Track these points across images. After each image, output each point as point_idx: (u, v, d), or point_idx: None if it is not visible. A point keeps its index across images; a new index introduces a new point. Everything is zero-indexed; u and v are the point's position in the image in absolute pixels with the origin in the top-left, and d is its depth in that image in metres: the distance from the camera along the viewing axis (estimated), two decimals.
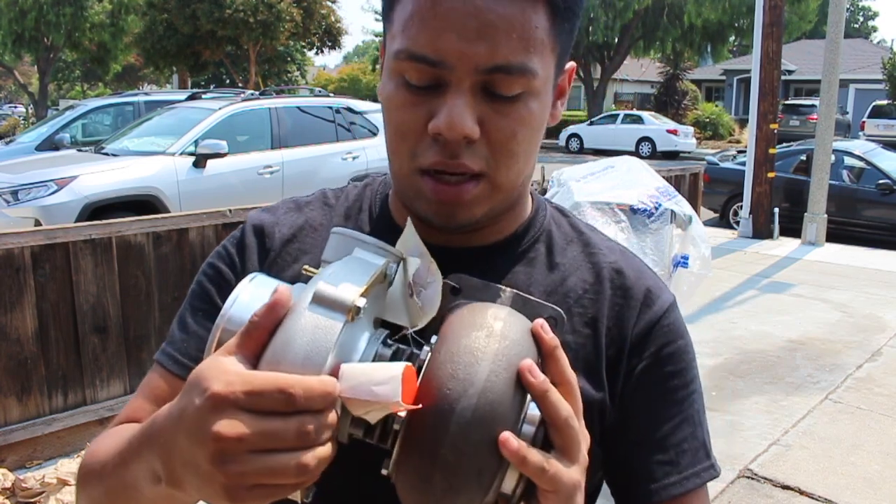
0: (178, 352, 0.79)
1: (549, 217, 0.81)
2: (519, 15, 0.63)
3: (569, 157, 20.76)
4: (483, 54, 0.62)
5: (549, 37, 0.65)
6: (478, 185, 0.67)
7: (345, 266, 0.57)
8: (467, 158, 0.65)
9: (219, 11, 20.15)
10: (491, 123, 0.65)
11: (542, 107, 0.68)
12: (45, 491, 2.81)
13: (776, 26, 8.64)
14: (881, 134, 20.41)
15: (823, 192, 8.51)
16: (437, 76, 0.64)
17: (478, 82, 0.64)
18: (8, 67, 27.87)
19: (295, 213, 0.82)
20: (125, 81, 38.30)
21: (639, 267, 0.79)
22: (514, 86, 0.64)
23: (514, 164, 0.68)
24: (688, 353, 0.77)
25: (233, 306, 0.56)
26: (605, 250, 0.79)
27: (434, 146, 0.65)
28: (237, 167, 6.78)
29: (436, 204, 0.67)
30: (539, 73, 0.65)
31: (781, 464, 3.41)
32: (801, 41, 31.58)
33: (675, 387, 0.75)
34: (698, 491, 0.74)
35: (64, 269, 3.31)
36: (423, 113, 0.65)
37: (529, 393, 0.53)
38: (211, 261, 0.81)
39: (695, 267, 3.08)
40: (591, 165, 3.31)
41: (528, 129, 0.67)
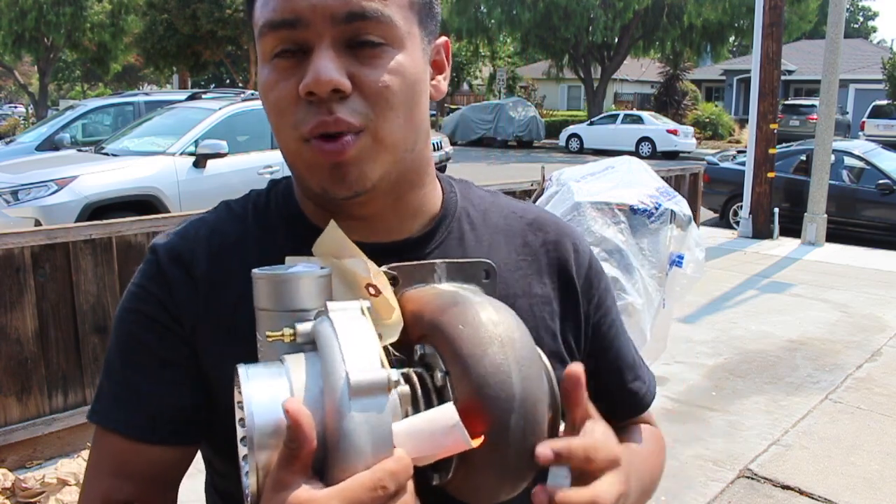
0: (130, 414, 0.71)
1: (459, 193, 0.82)
2: None
3: (569, 157, 20.76)
4: (335, 3, 0.63)
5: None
6: (359, 138, 0.65)
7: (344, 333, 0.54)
8: (344, 113, 0.64)
9: (219, 11, 20.16)
10: (362, 76, 0.64)
11: (412, 61, 0.68)
12: (45, 491, 2.82)
13: (776, 26, 8.64)
14: (881, 134, 20.40)
15: (823, 192, 8.51)
16: (299, 39, 0.64)
17: (339, 36, 0.64)
18: (8, 67, 27.87)
19: (206, 230, 0.76)
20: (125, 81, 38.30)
21: (553, 219, 0.84)
22: (374, 32, 0.64)
23: (394, 117, 0.66)
24: (610, 286, 0.87)
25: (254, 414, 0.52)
26: (518, 211, 0.83)
27: (310, 110, 0.64)
28: (237, 167, 6.78)
29: (326, 169, 0.66)
30: (399, 23, 0.66)
31: (781, 464, 3.41)
32: (801, 41, 31.57)
33: (616, 319, 0.86)
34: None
35: (64, 269, 3.31)
36: (294, 82, 0.65)
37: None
38: (130, 306, 0.74)
39: (688, 269, 3.08)
40: (591, 165, 3.31)
41: (402, 80, 0.66)
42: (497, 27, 27.34)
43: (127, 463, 0.71)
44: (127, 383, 0.72)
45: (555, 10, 24.87)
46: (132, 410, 0.71)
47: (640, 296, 2.85)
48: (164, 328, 0.72)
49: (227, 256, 0.74)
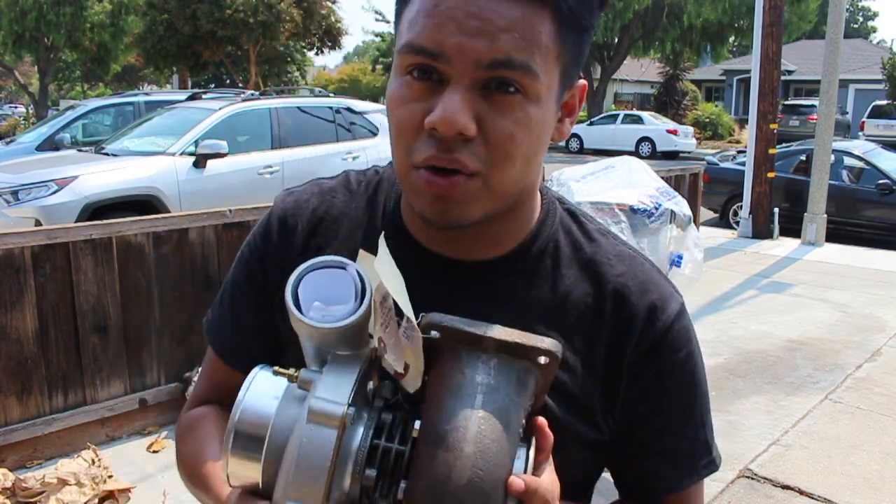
0: (221, 339, 0.88)
1: (558, 224, 0.80)
2: (521, 17, 0.63)
3: (569, 157, 20.75)
4: (482, 49, 0.62)
5: (554, 43, 0.65)
6: (469, 181, 0.66)
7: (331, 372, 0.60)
8: (463, 156, 0.64)
9: (219, 12, 20.15)
10: (489, 122, 0.64)
11: (543, 114, 0.67)
12: (46, 491, 2.81)
13: (776, 26, 8.64)
14: (881, 134, 20.40)
15: (823, 192, 8.51)
16: (439, 71, 0.64)
17: (479, 79, 0.63)
18: (8, 67, 27.88)
19: (317, 199, 0.84)
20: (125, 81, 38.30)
21: (645, 279, 0.78)
22: (515, 80, 0.64)
23: (510, 168, 0.67)
24: (690, 360, 0.78)
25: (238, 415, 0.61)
26: (612, 260, 0.78)
27: (430, 142, 0.65)
28: (237, 167, 6.78)
29: (430, 198, 0.66)
30: (541, 76, 0.65)
31: (781, 464, 3.41)
32: (801, 41, 31.57)
33: (677, 398, 0.78)
34: (696, 485, 0.81)
35: (64, 269, 3.31)
36: (421, 108, 0.65)
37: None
38: (245, 250, 0.86)
39: (687, 269, 3.07)
40: (591, 165, 3.30)
41: (527, 133, 0.66)
42: None
43: (214, 372, 0.88)
44: (223, 313, 0.87)
45: None
46: (223, 336, 0.87)
47: None
48: (255, 279, 0.83)
49: (323, 229, 0.81)
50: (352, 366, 0.60)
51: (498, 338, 0.60)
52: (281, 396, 0.60)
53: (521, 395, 0.61)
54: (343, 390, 0.58)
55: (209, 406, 0.88)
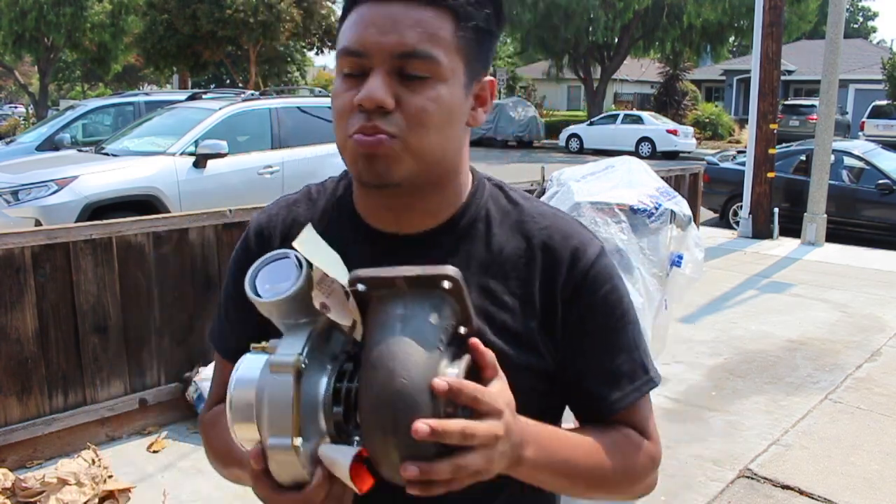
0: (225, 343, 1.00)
1: (488, 196, 0.94)
2: (425, 17, 0.81)
3: (569, 157, 20.75)
4: (394, 43, 0.80)
5: (454, 38, 0.82)
6: (391, 141, 0.81)
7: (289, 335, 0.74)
8: (383, 123, 0.80)
9: (219, 12, 20.15)
10: (405, 98, 0.81)
11: (450, 94, 0.83)
12: (46, 491, 2.82)
13: (776, 26, 8.64)
14: (881, 134, 20.39)
15: (823, 192, 8.51)
16: (363, 65, 0.81)
17: (392, 67, 0.80)
18: (8, 67, 27.89)
19: (285, 211, 0.99)
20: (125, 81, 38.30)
21: (567, 228, 0.93)
22: (421, 68, 0.81)
23: (424, 134, 0.82)
24: (614, 293, 0.92)
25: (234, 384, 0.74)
26: (536, 217, 0.93)
27: (359, 116, 0.81)
28: (237, 167, 6.77)
29: (361, 158, 0.82)
30: (443, 62, 0.81)
31: (781, 464, 3.41)
32: (801, 41, 31.57)
33: (608, 325, 0.91)
34: (640, 401, 0.93)
35: (64, 269, 3.31)
36: (352, 94, 0.82)
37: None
38: (231, 266, 1.00)
39: (686, 269, 3.07)
40: (591, 165, 3.30)
41: (437, 106, 0.82)
42: None
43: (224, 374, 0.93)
44: (222, 322, 1.01)
45: (555, 11, 24.87)
46: (224, 339, 1.00)
47: (640, 295, 2.85)
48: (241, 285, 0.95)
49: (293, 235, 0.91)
50: (305, 328, 0.74)
51: (406, 275, 0.72)
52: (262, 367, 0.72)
53: (438, 317, 0.72)
54: (296, 346, 0.71)
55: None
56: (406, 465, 0.67)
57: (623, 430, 0.92)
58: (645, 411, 0.94)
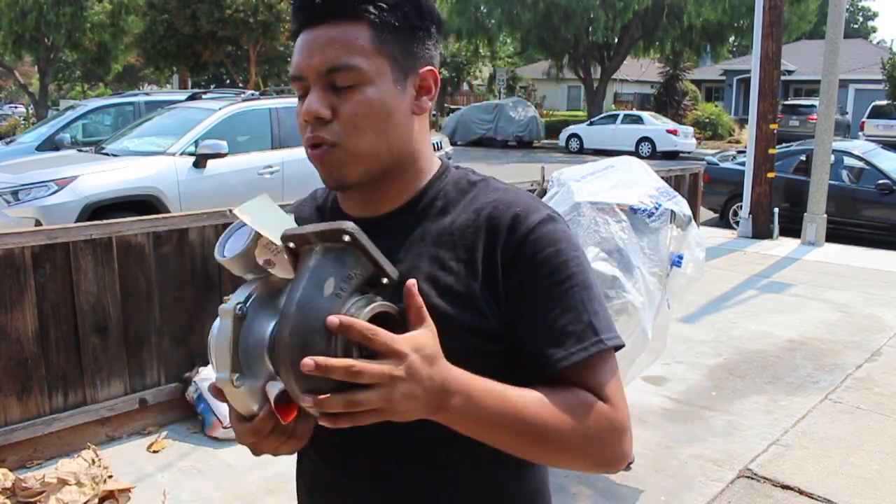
0: None
1: (450, 179, 1.02)
2: (341, 34, 0.92)
3: (569, 157, 20.75)
4: (318, 62, 0.92)
5: (372, 44, 0.92)
6: (332, 150, 0.93)
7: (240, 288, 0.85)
8: (323, 132, 0.93)
9: (219, 12, 20.14)
10: (339, 107, 0.92)
11: (379, 94, 0.93)
12: (46, 491, 2.82)
13: (776, 26, 8.64)
14: (881, 134, 20.38)
15: (823, 192, 8.51)
16: (305, 87, 0.94)
17: (324, 83, 0.92)
18: (8, 68, 27.86)
19: (295, 209, 1.13)
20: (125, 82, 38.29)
21: (513, 199, 0.98)
22: (346, 79, 0.92)
23: (361, 136, 0.93)
24: (559, 256, 0.93)
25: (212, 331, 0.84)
26: (489, 193, 0.99)
27: (308, 129, 0.94)
28: (237, 167, 6.77)
29: (317, 167, 0.96)
30: (364, 67, 0.91)
31: (781, 464, 3.41)
32: (801, 41, 31.56)
33: (549, 285, 0.93)
34: (589, 361, 0.91)
35: (64, 269, 3.32)
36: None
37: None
38: None
39: (687, 269, 3.06)
40: (591, 165, 3.30)
41: (369, 109, 0.92)
42: (497, 27, 27.32)
43: None
44: None
45: (555, 10, 24.85)
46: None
47: (640, 294, 2.85)
48: None
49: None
50: (252, 281, 0.85)
51: (314, 231, 0.81)
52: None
53: (342, 267, 0.80)
54: (241, 295, 0.83)
55: None
56: (304, 396, 0.75)
57: (574, 390, 0.90)
58: (601, 374, 0.92)
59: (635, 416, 3.89)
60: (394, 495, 0.99)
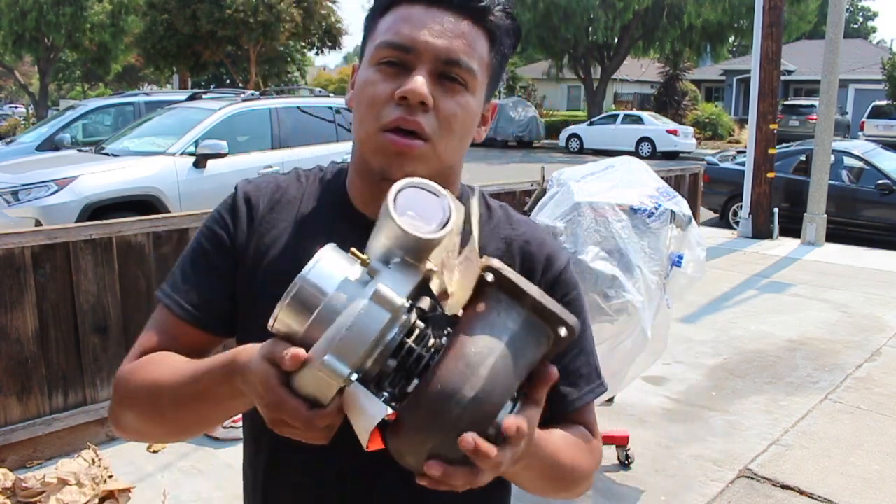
0: (183, 299, 0.97)
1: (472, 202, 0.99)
2: (469, 30, 0.88)
3: (569, 157, 20.76)
4: (443, 48, 0.86)
5: (487, 57, 0.91)
6: (425, 145, 0.87)
7: (399, 271, 0.70)
8: (423, 120, 0.86)
9: (219, 12, 20.15)
10: (441, 101, 0.87)
11: (475, 105, 0.91)
12: (46, 491, 2.82)
13: (776, 26, 8.64)
14: (881, 134, 20.40)
15: (823, 192, 8.51)
16: (406, 61, 0.86)
17: (436, 69, 0.86)
18: (8, 68, 27.87)
19: (274, 187, 1.01)
20: (125, 82, 38.30)
21: (541, 238, 1.01)
22: (461, 75, 0.88)
23: (451, 139, 0.90)
24: (579, 300, 1.00)
25: (312, 270, 0.70)
26: (514, 224, 1.01)
27: (398, 109, 0.86)
28: (237, 167, 6.76)
29: (392, 154, 0.87)
30: (478, 76, 0.89)
31: (781, 464, 3.41)
32: (801, 41, 31.56)
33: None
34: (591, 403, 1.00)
35: (64, 269, 3.31)
36: (391, 86, 0.86)
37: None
38: (208, 224, 1.00)
39: (688, 269, 3.06)
40: (591, 165, 3.29)
41: (465, 114, 0.90)
42: None
43: (171, 330, 0.97)
44: (185, 277, 0.98)
45: (555, 10, 24.86)
46: (183, 297, 0.97)
47: (640, 294, 2.85)
48: (220, 244, 0.97)
49: (280, 208, 0.99)
50: (414, 272, 0.71)
51: (537, 298, 0.71)
52: (343, 277, 0.70)
53: (534, 351, 0.72)
54: (406, 287, 0.69)
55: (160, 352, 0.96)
56: (433, 462, 0.67)
57: (580, 430, 0.97)
58: (593, 413, 1.02)
59: (635, 416, 3.89)
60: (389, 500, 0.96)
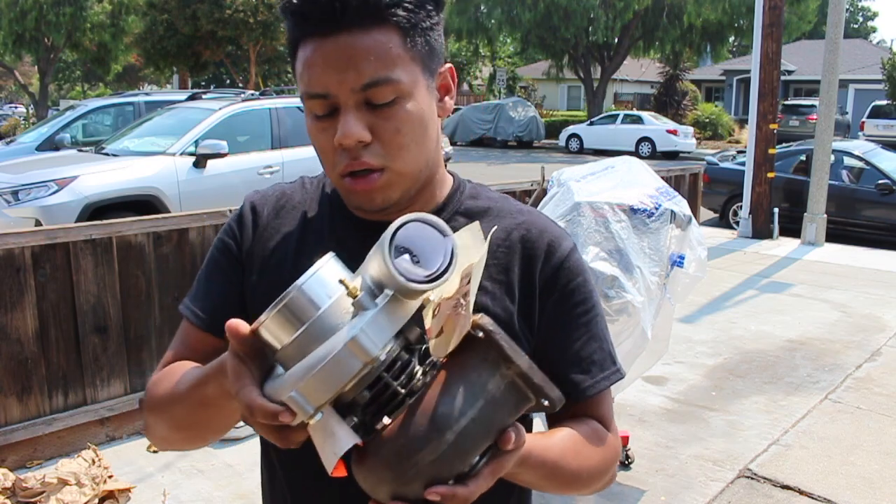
0: (198, 308, 0.99)
1: (468, 194, 1.00)
2: (373, 43, 0.82)
3: (569, 157, 20.76)
4: (352, 78, 0.82)
5: (404, 51, 0.84)
6: (382, 175, 0.86)
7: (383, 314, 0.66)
8: (367, 157, 0.84)
9: (219, 12, 20.16)
10: (379, 127, 0.84)
11: (418, 106, 0.86)
12: (46, 491, 2.82)
13: (776, 27, 8.64)
14: (881, 134, 20.40)
15: (823, 192, 8.51)
16: (331, 104, 0.84)
17: (358, 100, 0.83)
18: (8, 68, 27.84)
19: (279, 195, 1.03)
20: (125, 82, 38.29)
21: (542, 224, 0.98)
22: (385, 94, 0.83)
23: (406, 154, 0.86)
24: (586, 285, 0.97)
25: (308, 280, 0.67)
26: (514, 213, 0.99)
27: (343, 155, 0.85)
28: (237, 167, 6.77)
29: (358, 195, 0.88)
30: (403, 79, 0.84)
31: (781, 464, 3.41)
32: (801, 41, 31.56)
33: (580, 313, 0.96)
34: (606, 392, 0.97)
35: (64, 269, 3.32)
36: (330, 134, 0.85)
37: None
38: (220, 235, 1.03)
39: (690, 269, 3.06)
40: (591, 165, 3.29)
41: (410, 125, 0.85)
42: (497, 27, 27.33)
43: (192, 342, 0.99)
44: (200, 288, 1.01)
45: (555, 11, 24.86)
46: (201, 307, 0.99)
47: (640, 294, 2.85)
48: (229, 252, 1.00)
49: (285, 214, 1.01)
50: (401, 315, 0.67)
51: (523, 369, 0.70)
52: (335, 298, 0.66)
53: (511, 416, 0.71)
54: (385, 335, 0.65)
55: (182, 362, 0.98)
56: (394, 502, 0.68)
57: (592, 425, 0.95)
58: (609, 403, 0.99)
59: (635, 416, 3.89)
60: None
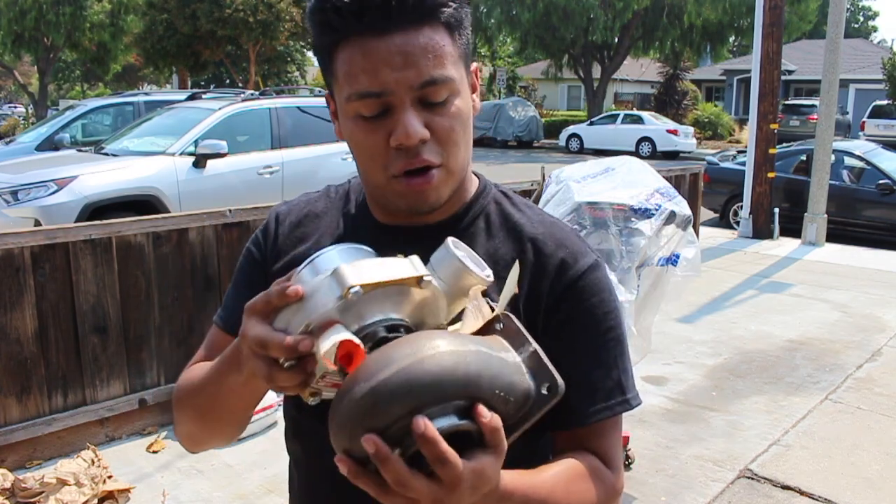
0: (225, 313, 1.04)
1: (491, 199, 0.99)
2: (429, 41, 0.83)
3: (569, 157, 20.75)
4: (412, 76, 0.82)
5: (454, 48, 0.86)
6: (440, 171, 0.86)
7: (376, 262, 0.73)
8: (428, 155, 0.85)
9: (219, 11, 20.16)
10: (434, 125, 0.85)
11: (465, 103, 0.88)
12: (45, 491, 2.81)
13: (776, 26, 8.64)
14: (881, 134, 20.39)
15: (823, 192, 8.50)
16: (383, 104, 0.83)
17: (414, 98, 0.83)
18: (8, 67, 27.85)
19: (304, 204, 1.05)
20: (125, 81, 38.29)
21: (561, 238, 0.95)
22: (441, 92, 0.84)
23: (458, 152, 0.88)
24: (601, 307, 0.92)
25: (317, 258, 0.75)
26: (535, 224, 0.96)
27: (398, 155, 0.85)
28: (237, 167, 6.77)
29: (412, 195, 0.87)
30: (455, 77, 0.85)
31: (781, 464, 3.41)
32: (801, 41, 31.56)
33: (588, 338, 0.91)
34: (612, 420, 0.91)
35: (64, 269, 3.31)
36: (382, 135, 0.85)
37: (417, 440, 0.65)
38: (247, 245, 1.07)
39: (684, 267, 3.06)
40: (591, 165, 3.29)
41: (461, 122, 0.87)
42: (497, 27, 27.32)
43: (216, 343, 1.02)
44: (229, 296, 1.05)
45: (554, 10, 24.86)
46: (227, 312, 1.03)
47: (630, 293, 2.85)
48: (254, 260, 1.04)
49: (307, 223, 1.03)
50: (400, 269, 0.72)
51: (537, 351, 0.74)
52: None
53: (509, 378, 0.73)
54: (368, 276, 0.69)
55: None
56: (342, 456, 0.68)
57: (591, 461, 0.88)
58: (614, 437, 0.92)
59: (635, 416, 3.88)
60: None
